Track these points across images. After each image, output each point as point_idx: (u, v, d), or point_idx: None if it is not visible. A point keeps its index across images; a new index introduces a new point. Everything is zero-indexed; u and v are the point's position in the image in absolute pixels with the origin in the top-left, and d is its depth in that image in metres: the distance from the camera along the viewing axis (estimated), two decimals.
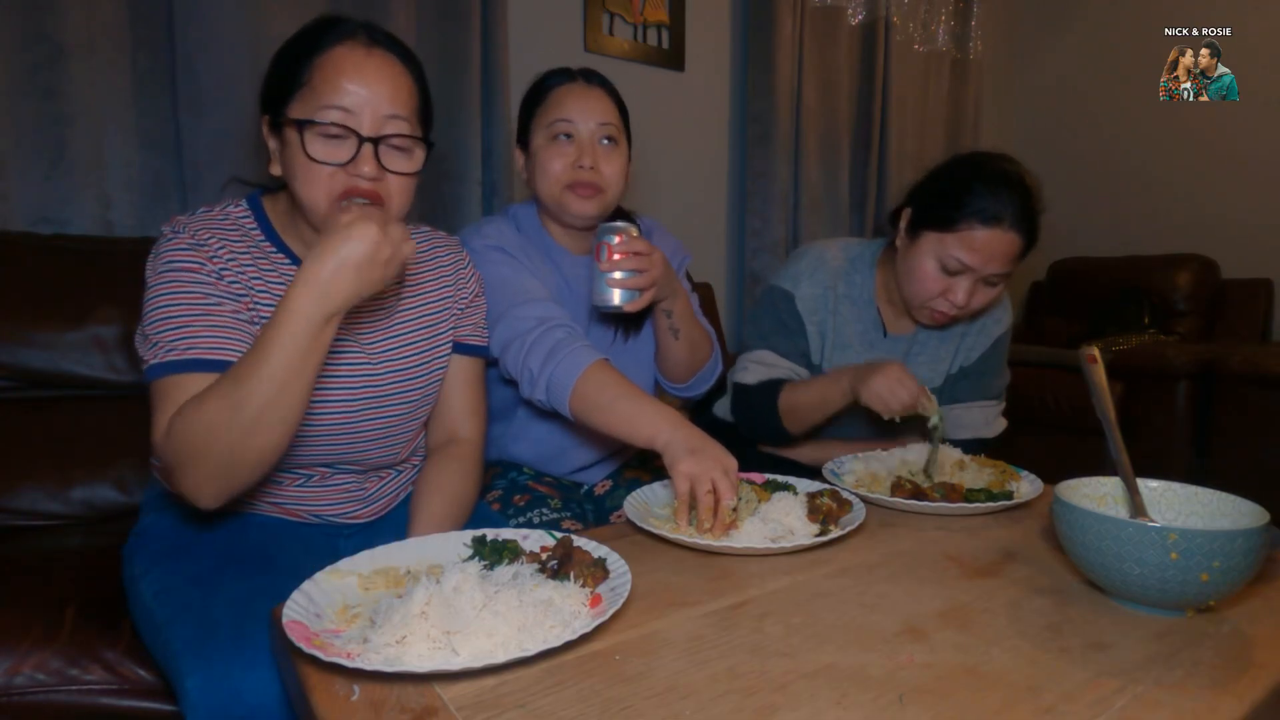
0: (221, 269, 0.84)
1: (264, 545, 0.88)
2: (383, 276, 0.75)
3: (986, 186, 1.12)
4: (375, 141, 0.83)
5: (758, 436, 1.33)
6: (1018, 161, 1.17)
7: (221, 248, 0.85)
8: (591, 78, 1.17)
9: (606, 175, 1.13)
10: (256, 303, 0.86)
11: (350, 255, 0.72)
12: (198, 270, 0.83)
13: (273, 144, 0.88)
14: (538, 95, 1.16)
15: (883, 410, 1.11)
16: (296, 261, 0.91)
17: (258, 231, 0.90)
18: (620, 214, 1.22)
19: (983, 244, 1.12)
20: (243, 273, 0.86)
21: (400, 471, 1.05)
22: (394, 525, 1.00)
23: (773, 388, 1.27)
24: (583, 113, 1.12)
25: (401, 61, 0.87)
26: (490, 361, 1.12)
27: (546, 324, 1.03)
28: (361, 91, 0.82)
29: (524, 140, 1.19)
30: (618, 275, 1.03)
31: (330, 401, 0.90)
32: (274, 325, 0.72)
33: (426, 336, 0.99)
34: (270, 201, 0.93)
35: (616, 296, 1.04)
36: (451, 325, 1.02)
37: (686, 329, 1.19)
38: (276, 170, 0.88)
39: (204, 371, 0.79)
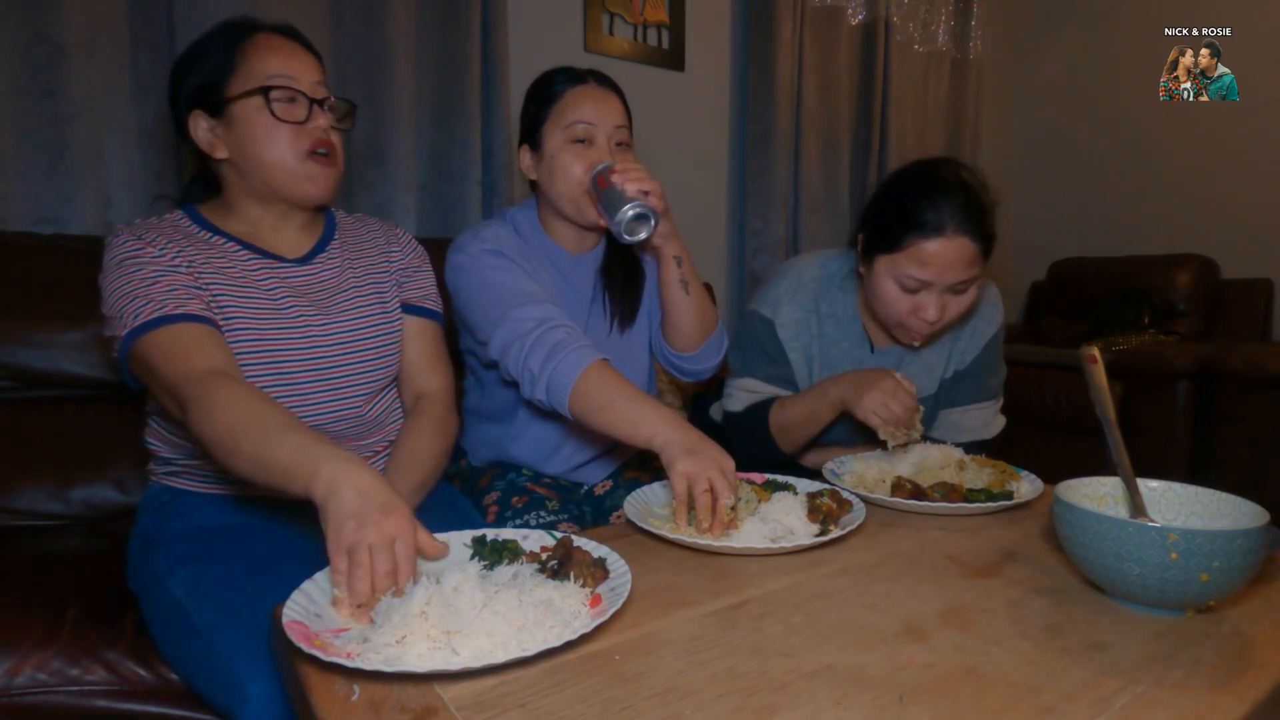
0: (173, 258, 0.90)
1: (292, 546, 0.89)
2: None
3: (922, 199, 1.10)
4: (320, 103, 0.97)
5: (754, 460, 1.29)
6: (957, 162, 1.15)
7: (169, 242, 0.92)
8: (603, 80, 1.18)
9: None
10: (202, 275, 0.92)
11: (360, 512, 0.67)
12: (145, 253, 0.89)
13: (211, 135, 0.96)
14: (549, 95, 1.16)
15: (878, 426, 1.09)
16: (239, 242, 0.98)
17: (195, 228, 0.97)
18: None
19: (933, 257, 1.09)
20: (194, 259, 0.92)
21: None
22: None
23: (761, 409, 1.26)
24: (601, 116, 1.14)
25: (304, 46, 0.99)
26: (490, 364, 1.13)
27: (546, 324, 1.03)
28: (293, 64, 0.95)
29: (532, 139, 1.19)
30: (632, 188, 1.06)
31: (295, 361, 0.96)
32: (299, 451, 0.71)
33: (374, 295, 1.07)
34: (202, 208, 1.00)
35: (637, 205, 1.05)
36: (394, 286, 1.10)
37: (695, 281, 1.21)
38: (222, 152, 0.96)
39: (174, 324, 0.85)
